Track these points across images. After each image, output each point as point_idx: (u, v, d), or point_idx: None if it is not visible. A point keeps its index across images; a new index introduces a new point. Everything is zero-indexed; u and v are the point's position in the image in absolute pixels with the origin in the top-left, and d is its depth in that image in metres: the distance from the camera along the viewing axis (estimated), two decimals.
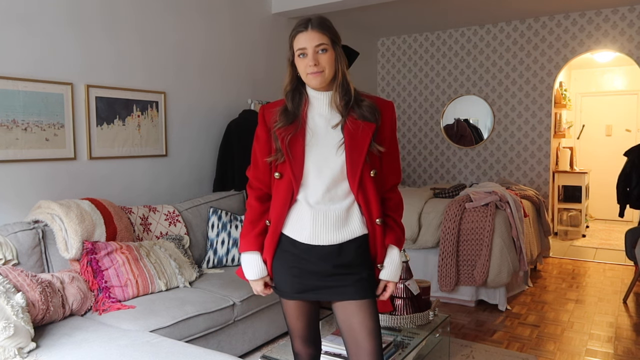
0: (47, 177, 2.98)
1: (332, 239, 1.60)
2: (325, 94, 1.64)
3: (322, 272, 1.62)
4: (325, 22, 1.60)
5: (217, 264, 3.35)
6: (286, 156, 1.60)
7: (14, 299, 2.03)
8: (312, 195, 1.60)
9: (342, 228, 1.61)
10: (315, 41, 1.56)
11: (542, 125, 5.63)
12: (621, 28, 5.14)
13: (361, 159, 1.58)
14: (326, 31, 1.58)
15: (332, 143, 1.60)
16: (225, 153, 4.02)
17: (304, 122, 1.63)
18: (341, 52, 1.62)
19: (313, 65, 1.56)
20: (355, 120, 1.60)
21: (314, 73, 1.57)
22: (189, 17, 3.85)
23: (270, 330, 3.12)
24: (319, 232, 1.60)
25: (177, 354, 1.93)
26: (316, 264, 1.62)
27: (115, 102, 3.33)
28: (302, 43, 1.57)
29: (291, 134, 1.60)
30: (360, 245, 1.64)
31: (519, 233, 3.96)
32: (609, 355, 3.06)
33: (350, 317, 1.64)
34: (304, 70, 1.59)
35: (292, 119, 1.62)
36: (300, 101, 1.65)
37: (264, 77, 4.61)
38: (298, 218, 1.63)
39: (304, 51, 1.58)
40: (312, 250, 1.61)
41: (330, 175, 1.59)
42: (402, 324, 2.58)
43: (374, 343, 1.64)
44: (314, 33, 1.56)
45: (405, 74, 6.43)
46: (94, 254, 2.61)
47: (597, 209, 7.77)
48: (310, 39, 1.56)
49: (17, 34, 2.81)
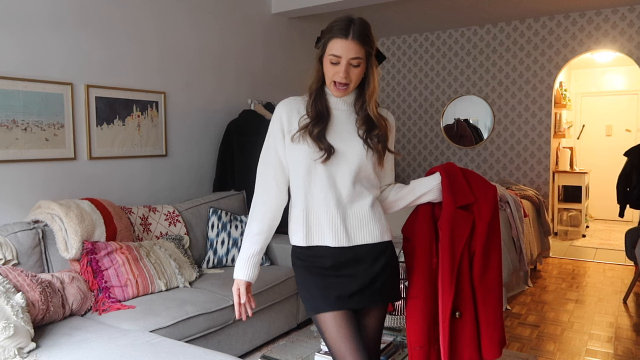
0: (47, 177, 2.98)
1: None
2: (344, 98, 1.62)
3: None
4: (367, 32, 1.52)
5: (217, 264, 3.35)
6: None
7: (14, 299, 2.03)
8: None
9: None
10: (352, 54, 1.50)
11: (542, 125, 5.63)
12: (621, 28, 5.14)
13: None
14: (365, 45, 1.51)
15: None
16: (225, 153, 4.02)
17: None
18: (375, 61, 1.58)
19: (343, 77, 1.52)
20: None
21: (340, 84, 1.54)
22: (189, 17, 3.85)
23: (271, 330, 3.12)
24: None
25: (177, 354, 1.93)
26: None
27: (115, 102, 3.33)
28: (337, 50, 1.50)
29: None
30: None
31: (519, 233, 3.96)
32: (609, 355, 3.06)
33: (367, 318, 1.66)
34: (331, 76, 1.54)
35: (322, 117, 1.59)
36: (323, 98, 1.62)
37: (264, 77, 4.61)
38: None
39: (337, 60, 1.51)
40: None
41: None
42: (402, 324, 2.58)
43: (377, 347, 1.66)
44: (353, 44, 1.49)
45: (405, 74, 6.43)
46: (94, 254, 2.61)
47: (597, 209, 7.77)
48: (347, 49, 1.49)
49: (18, 33, 2.81)
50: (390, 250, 1.65)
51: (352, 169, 1.56)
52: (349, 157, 1.56)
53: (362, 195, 1.60)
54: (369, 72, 1.57)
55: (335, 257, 1.57)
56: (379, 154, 1.60)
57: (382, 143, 1.61)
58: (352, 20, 1.51)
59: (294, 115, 1.59)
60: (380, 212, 1.65)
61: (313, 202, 1.58)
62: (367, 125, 1.59)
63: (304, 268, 1.61)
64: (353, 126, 1.60)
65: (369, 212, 1.60)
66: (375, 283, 1.60)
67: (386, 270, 1.62)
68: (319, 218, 1.57)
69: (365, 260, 1.59)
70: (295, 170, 1.59)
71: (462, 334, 1.67)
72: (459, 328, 1.67)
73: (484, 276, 1.69)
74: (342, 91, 1.56)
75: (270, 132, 1.64)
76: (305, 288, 1.62)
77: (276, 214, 1.65)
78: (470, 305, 1.68)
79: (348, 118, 1.61)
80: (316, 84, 1.59)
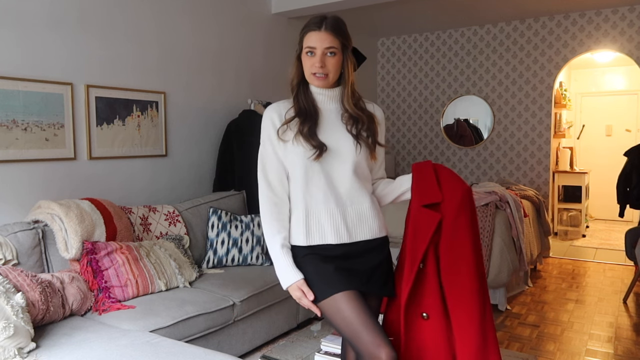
0: (47, 177, 2.98)
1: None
2: (328, 90, 1.65)
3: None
4: (339, 24, 1.59)
5: (217, 264, 3.35)
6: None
7: (14, 299, 2.03)
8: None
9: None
10: (326, 43, 1.56)
11: (542, 125, 5.63)
12: (621, 28, 5.14)
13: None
14: (339, 35, 1.58)
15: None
16: (225, 153, 4.01)
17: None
18: (350, 56, 1.62)
19: (319, 66, 1.57)
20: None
21: (318, 75, 1.58)
22: (189, 17, 3.85)
23: (270, 330, 3.12)
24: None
25: (177, 354, 1.93)
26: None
27: (115, 102, 3.33)
28: (312, 42, 1.57)
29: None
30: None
31: (519, 233, 3.96)
32: (609, 355, 3.06)
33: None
34: (309, 68, 1.60)
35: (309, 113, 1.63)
36: (308, 94, 1.65)
37: (264, 77, 4.61)
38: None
39: (312, 50, 1.57)
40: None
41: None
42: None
43: None
44: (326, 35, 1.56)
45: (405, 74, 6.43)
46: (94, 254, 2.61)
47: (597, 209, 7.77)
48: (321, 39, 1.56)
49: (18, 34, 2.81)
50: (387, 245, 1.70)
51: (348, 166, 1.60)
52: (342, 154, 1.60)
53: (360, 191, 1.63)
54: (344, 66, 1.61)
55: (336, 252, 1.61)
56: (369, 148, 1.64)
57: (372, 137, 1.65)
58: (325, 16, 1.59)
59: (283, 115, 1.63)
60: (377, 207, 1.70)
61: (312, 202, 1.60)
62: (352, 120, 1.63)
63: (309, 258, 1.59)
64: (342, 123, 1.64)
65: (369, 208, 1.65)
66: (374, 275, 1.63)
67: (383, 264, 1.66)
68: (319, 218, 1.60)
69: (364, 255, 1.63)
70: (293, 172, 1.62)
71: (432, 335, 1.63)
72: (428, 329, 1.63)
73: (453, 280, 1.61)
74: (321, 80, 1.59)
75: (265, 137, 1.65)
76: (313, 275, 1.59)
77: (287, 217, 1.65)
78: (439, 307, 1.61)
79: (337, 116, 1.65)
80: (297, 79, 1.65)
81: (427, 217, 1.62)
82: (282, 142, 1.61)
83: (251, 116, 4.04)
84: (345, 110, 1.64)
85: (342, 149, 1.60)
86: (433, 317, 1.62)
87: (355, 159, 1.61)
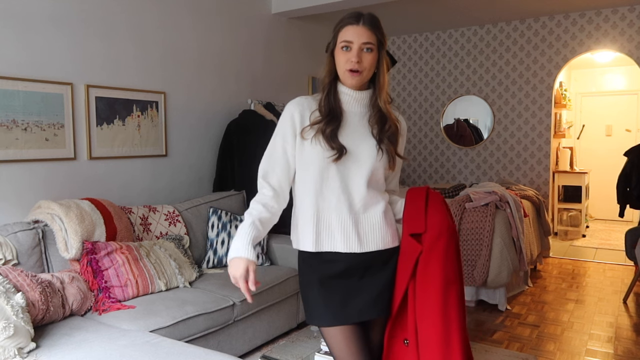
0: (47, 177, 2.98)
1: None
2: (357, 92, 1.59)
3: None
4: (377, 21, 1.54)
5: (217, 264, 3.35)
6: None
7: (14, 299, 2.03)
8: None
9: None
10: (364, 38, 1.50)
11: (542, 125, 5.63)
12: (621, 28, 5.14)
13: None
14: (376, 31, 1.52)
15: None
16: (225, 153, 4.01)
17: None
18: (385, 56, 1.56)
19: (356, 61, 1.49)
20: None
21: (353, 71, 1.51)
22: (189, 17, 3.85)
23: (270, 330, 3.12)
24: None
25: (177, 354, 1.93)
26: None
27: (115, 102, 3.33)
28: (349, 36, 1.50)
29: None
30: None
31: (519, 233, 3.96)
32: (609, 355, 3.06)
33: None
34: (344, 64, 1.52)
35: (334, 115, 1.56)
36: (336, 94, 1.59)
37: (264, 77, 4.61)
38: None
39: (349, 44, 1.50)
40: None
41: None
42: None
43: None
44: (364, 29, 1.50)
45: (405, 74, 6.43)
46: (94, 254, 2.61)
47: (597, 209, 7.77)
48: (359, 34, 1.50)
49: (17, 33, 2.81)
50: (397, 256, 1.63)
51: (365, 172, 1.54)
52: (361, 159, 1.54)
53: (375, 199, 1.57)
54: (379, 65, 1.55)
55: (345, 263, 1.55)
56: (389, 156, 1.57)
57: (394, 145, 1.59)
58: (361, 12, 1.54)
59: (306, 113, 1.56)
60: (391, 216, 1.63)
61: (324, 206, 1.54)
62: (380, 123, 1.57)
63: (312, 277, 1.56)
64: (366, 127, 1.58)
65: (382, 218, 1.58)
66: (384, 294, 1.57)
67: (394, 278, 1.60)
68: (330, 223, 1.54)
69: (375, 266, 1.57)
70: (307, 173, 1.55)
71: None
72: (408, 356, 1.59)
73: (421, 310, 1.55)
74: (356, 77, 1.52)
75: (279, 132, 1.59)
76: (311, 298, 1.57)
77: (272, 218, 1.59)
78: (413, 332, 1.58)
79: (361, 120, 1.59)
80: (328, 77, 1.57)
81: (411, 247, 1.58)
82: (300, 139, 1.55)
83: (251, 116, 4.04)
84: (376, 111, 1.57)
85: (362, 153, 1.54)
86: (412, 344, 1.58)
87: (373, 164, 1.54)
